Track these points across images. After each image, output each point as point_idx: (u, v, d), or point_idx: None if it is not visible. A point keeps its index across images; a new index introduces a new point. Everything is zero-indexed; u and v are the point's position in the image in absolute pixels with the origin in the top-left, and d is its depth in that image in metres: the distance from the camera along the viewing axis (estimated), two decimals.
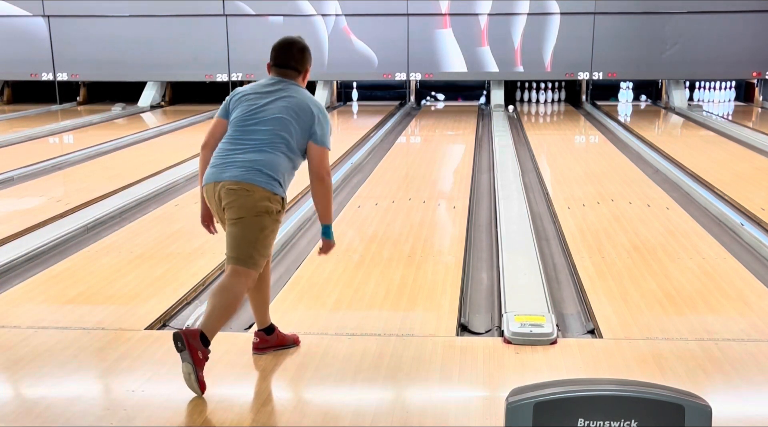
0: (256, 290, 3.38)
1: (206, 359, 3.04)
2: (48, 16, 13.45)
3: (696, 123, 11.59)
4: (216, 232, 3.49)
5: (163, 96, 14.22)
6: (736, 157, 8.67)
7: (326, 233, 3.41)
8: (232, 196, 3.16)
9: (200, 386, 3.01)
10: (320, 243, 3.46)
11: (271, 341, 3.46)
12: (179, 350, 3.00)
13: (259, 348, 3.45)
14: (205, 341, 3.03)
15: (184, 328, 3.13)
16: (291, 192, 3.44)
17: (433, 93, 14.65)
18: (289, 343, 3.52)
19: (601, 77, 13.34)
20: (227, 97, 3.41)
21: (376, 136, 10.09)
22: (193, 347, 2.99)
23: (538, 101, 14.23)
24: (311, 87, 13.47)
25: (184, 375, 3.00)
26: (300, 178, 3.43)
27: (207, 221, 3.48)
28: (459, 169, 8.43)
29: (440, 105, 14.39)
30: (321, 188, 3.34)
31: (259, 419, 2.90)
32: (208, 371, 3.09)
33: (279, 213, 3.24)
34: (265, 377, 3.28)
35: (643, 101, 14.32)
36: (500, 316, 3.88)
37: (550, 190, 6.87)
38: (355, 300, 4.22)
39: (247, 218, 3.16)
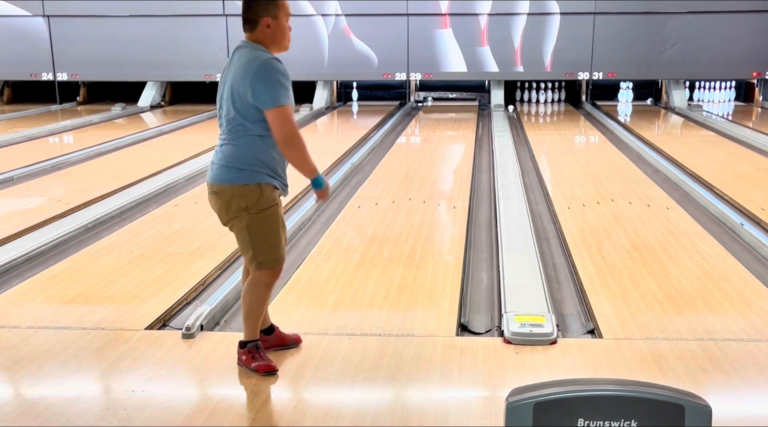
0: None
1: (250, 354, 3.26)
2: (48, 16, 13.45)
3: (696, 123, 11.59)
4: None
5: (163, 96, 14.21)
6: (736, 157, 8.67)
7: (316, 183, 3.19)
8: (210, 202, 3.21)
9: (265, 370, 3.23)
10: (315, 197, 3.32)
11: (271, 341, 3.46)
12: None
13: None
14: (243, 344, 3.29)
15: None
16: (289, 191, 3.40)
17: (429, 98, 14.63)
18: (290, 342, 3.52)
19: (601, 77, 13.33)
20: None
21: (376, 136, 10.09)
22: (241, 360, 3.30)
23: (538, 101, 14.22)
24: (311, 87, 13.53)
25: None
26: (299, 178, 3.40)
27: None
28: (459, 169, 8.43)
29: (429, 103, 14.33)
30: (290, 151, 3.08)
31: (259, 419, 2.90)
32: (209, 371, 3.10)
33: (259, 201, 3.08)
34: (265, 377, 3.28)
35: (650, 102, 14.22)
36: (500, 316, 3.88)
37: (550, 191, 6.87)
38: (355, 300, 4.22)
39: (231, 222, 3.18)
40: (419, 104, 14.13)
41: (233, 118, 3.07)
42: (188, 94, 14.50)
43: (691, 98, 14.04)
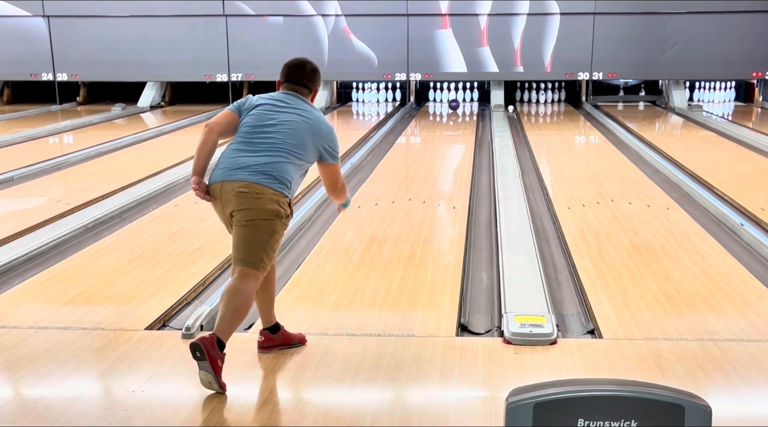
0: (261, 289, 3.39)
1: (223, 363, 3.06)
2: (48, 16, 13.45)
3: (696, 123, 11.59)
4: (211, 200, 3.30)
5: (163, 96, 14.21)
6: (736, 157, 8.67)
7: (345, 205, 3.72)
8: (242, 198, 3.17)
9: (222, 389, 3.05)
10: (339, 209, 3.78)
11: (276, 340, 3.47)
12: (198, 358, 3.00)
13: (264, 347, 3.45)
14: (222, 346, 3.06)
15: (199, 336, 3.08)
16: None
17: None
18: (295, 342, 3.51)
19: (601, 77, 13.34)
20: (242, 100, 3.40)
21: (376, 136, 10.09)
22: (213, 356, 3.01)
23: (538, 101, 14.22)
24: None
25: (203, 382, 3.03)
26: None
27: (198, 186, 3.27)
28: (459, 169, 8.43)
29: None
30: (336, 195, 3.59)
31: (259, 419, 2.90)
32: None
33: (288, 218, 3.26)
34: (265, 377, 3.28)
35: (658, 104, 14.14)
36: (500, 316, 3.88)
37: (550, 191, 6.87)
38: (355, 300, 4.22)
39: (257, 220, 3.17)
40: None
41: (294, 145, 3.27)
42: (188, 94, 14.50)
43: (691, 98, 14.04)
